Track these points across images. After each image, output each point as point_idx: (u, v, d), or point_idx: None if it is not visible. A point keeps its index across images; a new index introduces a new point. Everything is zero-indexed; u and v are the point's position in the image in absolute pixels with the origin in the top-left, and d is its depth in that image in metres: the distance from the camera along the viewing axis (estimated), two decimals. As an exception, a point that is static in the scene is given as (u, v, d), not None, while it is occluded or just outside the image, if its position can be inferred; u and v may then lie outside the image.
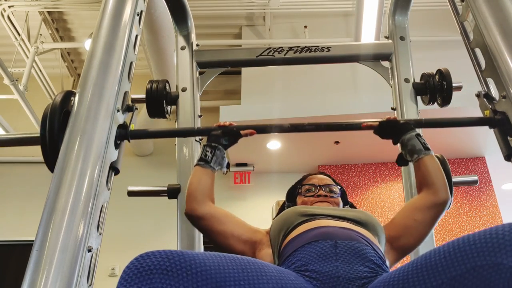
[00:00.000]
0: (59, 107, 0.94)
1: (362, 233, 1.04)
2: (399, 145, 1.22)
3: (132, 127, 1.02)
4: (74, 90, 0.98)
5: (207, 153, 1.18)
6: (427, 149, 1.18)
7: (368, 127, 1.22)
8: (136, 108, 1.06)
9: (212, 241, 1.16)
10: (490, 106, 1.06)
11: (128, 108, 1.03)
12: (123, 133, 0.98)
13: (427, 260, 0.74)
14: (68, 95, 0.97)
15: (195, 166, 1.20)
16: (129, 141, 1.02)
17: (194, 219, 1.14)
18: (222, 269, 0.74)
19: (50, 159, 0.91)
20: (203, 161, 1.18)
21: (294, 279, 0.84)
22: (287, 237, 1.09)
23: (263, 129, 1.26)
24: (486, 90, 1.10)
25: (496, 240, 0.66)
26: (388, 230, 1.16)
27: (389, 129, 1.22)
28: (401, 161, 1.26)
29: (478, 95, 1.11)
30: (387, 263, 1.06)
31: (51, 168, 0.86)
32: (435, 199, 1.14)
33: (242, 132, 1.21)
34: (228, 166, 1.27)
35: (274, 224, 1.18)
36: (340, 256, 0.92)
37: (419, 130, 1.29)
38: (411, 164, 1.24)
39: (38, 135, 0.95)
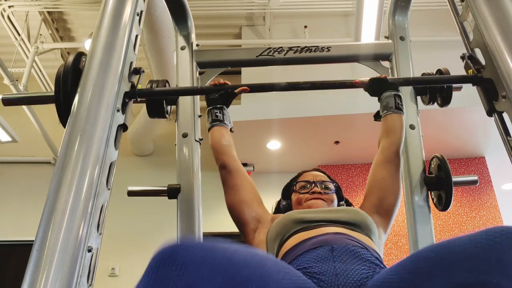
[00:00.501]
0: (72, 66, 1.00)
1: (356, 237, 1.06)
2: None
3: (139, 86, 1.11)
4: (85, 52, 1.04)
5: (217, 113, 1.31)
6: (398, 108, 1.30)
7: (360, 83, 1.33)
8: (143, 71, 1.13)
9: (226, 194, 1.25)
10: (474, 66, 1.13)
11: (135, 71, 1.10)
12: (131, 93, 1.06)
13: (425, 262, 0.69)
14: (79, 56, 1.03)
15: (209, 130, 1.30)
16: (137, 100, 1.11)
17: (228, 171, 1.26)
18: (247, 263, 0.72)
19: (64, 115, 0.96)
20: (217, 120, 1.30)
21: (301, 275, 0.86)
22: (284, 246, 1.10)
23: (257, 87, 1.37)
24: (470, 52, 1.16)
25: (502, 252, 0.59)
26: (368, 202, 1.24)
27: (377, 86, 1.34)
28: (377, 116, 1.38)
29: (463, 57, 1.17)
30: (382, 252, 1.13)
31: (65, 124, 0.91)
32: (389, 152, 1.27)
33: (236, 90, 1.32)
34: (231, 127, 1.38)
35: (272, 228, 1.18)
36: (337, 258, 0.94)
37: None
38: (408, 165, 1.27)
39: (52, 94, 1.01)
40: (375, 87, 1.33)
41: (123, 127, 0.98)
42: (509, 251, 0.58)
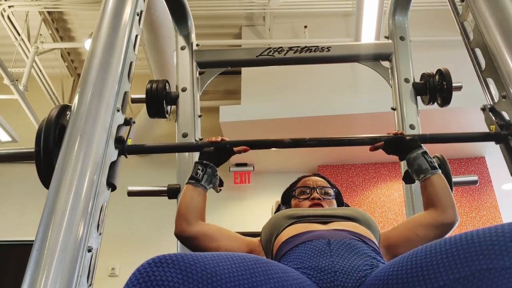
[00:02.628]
0: (54, 122, 0.92)
1: (353, 230, 1.04)
2: (405, 161, 1.19)
3: (129, 142, 0.99)
4: (70, 104, 0.95)
5: (198, 171, 1.15)
6: (433, 167, 1.15)
7: (374, 148, 1.18)
8: (134, 122, 1.03)
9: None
10: (496, 121, 1.03)
11: (126, 122, 1.01)
12: (120, 148, 0.96)
13: (427, 258, 0.71)
14: (63, 110, 0.95)
15: (186, 184, 1.16)
16: (126, 157, 0.98)
17: (185, 239, 1.11)
18: (232, 275, 0.71)
19: (45, 175, 0.88)
20: (194, 179, 1.14)
21: (297, 277, 0.84)
22: (279, 237, 1.09)
23: (258, 144, 1.18)
24: (491, 103, 1.07)
25: (504, 241, 0.63)
26: (389, 237, 1.15)
27: (395, 146, 1.19)
28: (408, 179, 1.23)
29: (483, 109, 1.08)
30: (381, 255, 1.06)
31: (46, 184, 0.84)
32: (441, 219, 1.12)
33: (235, 148, 1.17)
34: (221, 184, 1.22)
35: (264, 230, 1.18)
36: (334, 252, 0.93)
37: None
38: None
39: (33, 150, 0.92)
40: (394, 147, 1.19)
41: (111, 187, 0.88)
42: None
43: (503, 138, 1.00)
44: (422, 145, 1.18)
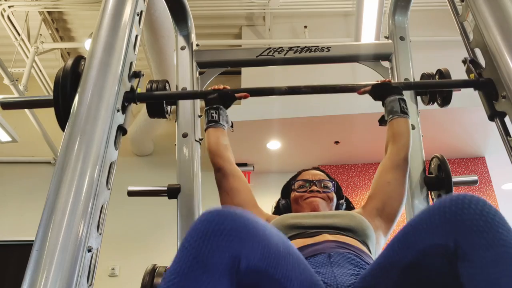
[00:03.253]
0: (71, 70, 1.00)
1: (351, 244, 1.08)
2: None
3: (139, 90, 1.10)
4: (84, 56, 1.03)
5: (213, 114, 1.27)
6: (403, 112, 1.29)
7: (363, 92, 1.30)
8: (143, 75, 1.12)
9: (221, 197, 1.25)
10: (476, 70, 1.11)
11: (135, 74, 1.09)
12: (131, 96, 1.05)
13: (388, 252, 0.80)
14: (78, 59, 1.03)
15: (206, 130, 1.28)
16: (136, 104, 1.08)
17: (224, 174, 1.25)
18: (281, 246, 0.77)
19: (63, 119, 0.96)
20: (213, 121, 1.27)
21: (314, 273, 0.89)
22: None
23: (258, 91, 1.32)
24: (472, 56, 1.15)
25: (430, 224, 0.70)
26: (371, 204, 1.24)
27: (380, 91, 1.31)
28: (382, 121, 1.37)
29: (464, 61, 1.15)
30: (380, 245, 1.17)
31: (64, 127, 0.91)
32: (398, 158, 1.26)
33: (236, 94, 1.29)
34: (232, 125, 1.36)
35: None
36: (334, 263, 0.97)
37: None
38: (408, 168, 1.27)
39: (51, 98, 1.00)
40: (379, 91, 1.32)
41: (122, 131, 0.97)
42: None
43: (481, 84, 1.08)
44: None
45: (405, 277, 0.74)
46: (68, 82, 0.98)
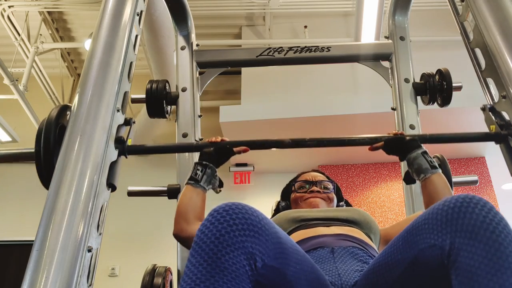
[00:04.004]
0: (54, 122, 0.92)
1: (354, 235, 1.07)
2: (405, 162, 1.19)
3: (129, 142, 1.00)
4: (70, 104, 0.94)
5: (197, 171, 1.14)
6: (434, 167, 1.15)
7: (374, 148, 1.17)
8: (134, 122, 1.04)
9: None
10: (496, 121, 1.03)
11: (126, 122, 1.01)
12: (120, 149, 0.95)
13: (390, 249, 0.79)
14: (63, 110, 0.95)
15: (185, 184, 1.16)
16: (126, 157, 0.98)
17: (183, 240, 1.11)
18: (289, 246, 0.77)
19: (45, 176, 0.88)
20: (193, 180, 1.14)
21: (320, 271, 0.89)
22: None
23: (258, 144, 1.16)
24: (491, 103, 1.06)
25: (430, 224, 0.69)
26: (389, 234, 1.19)
27: (395, 146, 1.18)
28: (409, 179, 1.23)
29: (483, 109, 1.07)
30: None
31: (46, 184, 0.83)
32: None
33: (235, 149, 1.16)
34: (221, 185, 1.22)
35: None
36: (337, 259, 0.96)
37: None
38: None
39: (33, 151, 0.92)
40: (394, 147, 1.19)
41: (111, 187, 0.88)
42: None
43: (503, 138, 1.00)
44: (422, 145, 1.17)
45: (406, 276, 0.74)
46: (52, 136, 0.90)
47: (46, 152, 0.89)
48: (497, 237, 0.61)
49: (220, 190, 1.22)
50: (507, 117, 0.99)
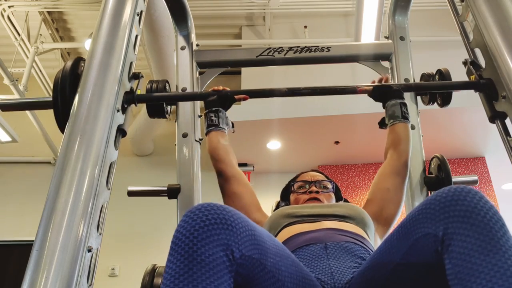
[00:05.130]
0: (70, 72, 0.99)
1: (349, 230, 1.07)
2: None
3: (138, 92, 1.09)
4: (83, 57, 1.02)
5: (212, 118, 1.27)
6: (405, 117, 1.28)
7: (363, 91, 1.28)
8: (142, 76, 1.11)
9: (224, 200, 1.25)
10: (476, 72, 1.10)
11: (134, 76, 1.08)
12: (130, 98, 1.04)
13: (385, 244, 0.80)
14: (78, 60, 1.03)
15: (206, 134, 1.28)
16: (135, 105, 1.08)
17: (225, 179, 1.25)
18: (267, 239, 0.78)
19: (62, 121, 0.95)
20: (213, 125, 1.26)
21: (306, 268, 0.89)
22: (277, 238, 1.10)
23: (257, 93, 1.29)
24: (472, 58, 1.14)
25: (424, 214, 0.70)
26: (369, 209, 1.23)
27: (381, 93, 1.31)
28: (382, 124, 1.37)
29: (465, 63, 1.15)
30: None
31: (63, 129, 0.90)
32: (397, 163, 1.25)
33: (236, 96, 1.28)
34: (233, 125, 1.36)
35: (263, 225, 1.18)
36: (330, 255, 0.96)
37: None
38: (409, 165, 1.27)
39: (50, 99, 1.00)
40: (380, 93, 1.31)
41: (122, 133, 0.96)
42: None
43: (482, 86, 1.07)
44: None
45: (400, 269, 0.75)
46: (67, 84, 0.98)
47: (63, 98, 0.97)
48: (488, 221, 0.64)
49: (233, 131, 1.33)
50: (483, 65, 1.08)
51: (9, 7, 3.92)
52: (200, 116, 1.60)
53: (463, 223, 0.64)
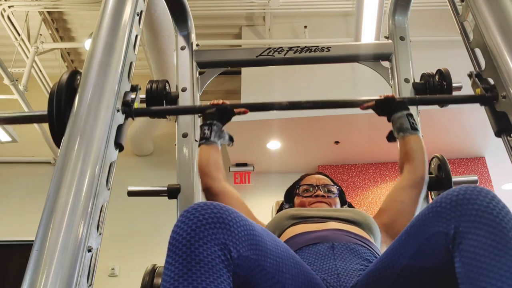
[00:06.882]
0: (66, 84, 0.98)
1: (356, 232, 1.06)
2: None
3: (135, 105, 1.06)
4: (79, 70, 1.01)
5: (205, 131, 1.23)
6: (414, 129, 1.23)
7: (366, 107, 1.24)
8: (140, 88, 1.09)
9: None
10: (481, 85, 1.09)
11: (132, 88, 1.07)
12: (128, 111, 1.02)
13: (393, 245, 0.79)
14: (74, 74, 1.01)
15: (199, 147, 1.25)
16: (133, 119, 1.06)
17: (212, 195, 1.20)
18: (267, 239, 0.77)
19: (57, 135, 0.94)
20: (204, 138, 1.22)
21: (310, 269, 0.88)
22: (281, 238, 1.10)
23: (257, 107, 1.26)
24: (478, 70, 1.12)
25: (435, 212, 0.70)
26: (380, 219, 1.21)
27: (385, 107, 1.26)
28: (391, 137, 1.31)
29: (470, 75, 1.13)
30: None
31: (58, 143, 0.89)
32: (414, 177, 1.21)
33: (235, 110, 1.25)
34: (231, 139, 1.30)
35: (267, 227, 1.18)
36: (337, 256, 0.95)
37: (415, 112, 1.40)
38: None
39: (45, 113, 0.99)
40: (383, 107, 1.26)
41: (119, 146, 0.93)
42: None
43: (487, 100, 1.05)
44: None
45: (408, 269, 0.74)
46: (63, 97, 0.96)
47: (58, 112, 0.96)
48: (500, 221, 0.64)
49: (231, 144, 1.30)
50: (491, 82, 1.05)
51: (9, 7, 3.92)
52: (200, 116, 1.60)
53: (475, 222, 0.64)
